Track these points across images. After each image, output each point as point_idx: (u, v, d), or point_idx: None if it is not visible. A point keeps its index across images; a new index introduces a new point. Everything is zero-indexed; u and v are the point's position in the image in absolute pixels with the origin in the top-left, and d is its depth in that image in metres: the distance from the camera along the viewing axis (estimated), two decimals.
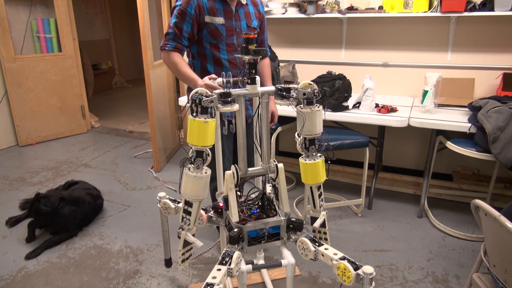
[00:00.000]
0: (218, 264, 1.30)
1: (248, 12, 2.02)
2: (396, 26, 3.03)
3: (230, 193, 1.46)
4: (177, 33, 1.90)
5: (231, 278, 1.36)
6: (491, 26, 2.76)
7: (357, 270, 1.25)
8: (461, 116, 2.49)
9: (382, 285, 2.04)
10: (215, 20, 1.91)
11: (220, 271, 1.27)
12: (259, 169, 1.57)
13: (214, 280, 1.21)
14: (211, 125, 1.32)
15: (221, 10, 1.92)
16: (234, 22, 1.96)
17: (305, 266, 2.18)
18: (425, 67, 3.00)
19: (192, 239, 1.46)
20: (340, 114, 2.63)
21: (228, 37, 1.97)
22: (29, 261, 2.26)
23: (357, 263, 1.28)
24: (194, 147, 1.35)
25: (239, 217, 1.45)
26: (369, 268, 1.22)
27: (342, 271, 1.26)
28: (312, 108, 1.44)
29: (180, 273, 2.16)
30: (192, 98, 1.32)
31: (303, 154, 1.51)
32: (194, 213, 1.43)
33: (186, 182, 1.39)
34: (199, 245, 1.46)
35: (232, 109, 1.38)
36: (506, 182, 2.91)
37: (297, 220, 1.48)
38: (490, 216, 1.24)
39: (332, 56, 3.29)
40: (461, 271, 2.15)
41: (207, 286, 1.19)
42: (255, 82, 1.45)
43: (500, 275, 1.29)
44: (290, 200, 2.90)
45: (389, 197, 3.03)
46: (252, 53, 1.38)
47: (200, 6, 1.87)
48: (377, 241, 2.45)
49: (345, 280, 1.26)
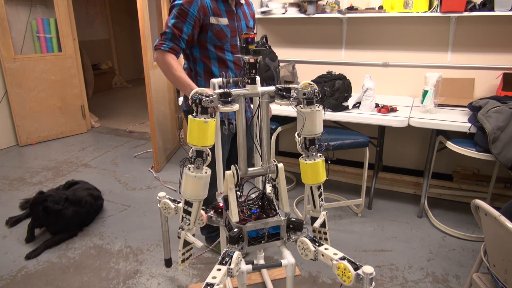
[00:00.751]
0: (218, 264, 1.30)
1: (245, 12, 2.00)
2: (396, 26, 3.03)
3: (230, 193, 1.45)
4: (175, 34, 1.79)
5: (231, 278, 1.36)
6: (491, 26, 2.76)
7: (357, 270, 1.24)
8: (461, 116, 2.49)
9: (382, 285, 2.04)
10: (221, 21, 1.84)
11: (220, 271, 1.26)
12: (259, 169, 1.57)
13: (214, 280, 1.21)
14: (211, 125, 1.32)
15: (224, 10, 1.86)
16: (236, 23, 1.93)
17: (305, 266, 2.18)
18: (425, 67, 3.00)
19: (192, 239, 1.46)
20: (340, 114, 2.63)
21: (233, 38, 1.92)
22: (29, 261, 2.26)
23: (357, 263, 1.28)
24: (194, 147, 1.35)
25: (239, 217, 1.45)
26: (369, 268, 1.22)
27: (342, 271, 1.26)
28: (312, 108, 1.44)
29: (180, 273, 2.16)
30: (192, 98, 1.32)
31: (303, 154, 1.51)
32: (194, 213, 1.43)
33: (186, 182, 1.39)
34: (199, 245, 1.46)
35: (232, 109, 1.38)
36: (506, 182, 2.91)
37: (297, 220, 1.48)
38: (490, 216, 1.24)
39: (332, 56, 3.29)
40: (461, 271, 2.15)
41: (207, 286, 1.19)
42: (255, 82, 1.45)
43: (500, 275, 1.29)
44: (290, 200, 2.90)
45: (389, 197, 3.03)
46: (252, 53, 1.38)
47: (204, 6, 1.78)
48: (377, 241, 2.45)
49: (345, 280, 1.26)
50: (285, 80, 3.09)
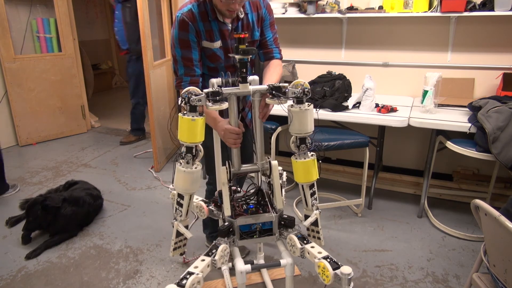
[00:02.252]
0: (204, 255, 1.34)
1: (248, 23, 1.78)
2: (396, 26, 3.03)
3: (223, 188, 1.51)
4: (187, 65, 1.71)
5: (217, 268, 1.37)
6: (491, 26, 2.76)
7: (336, 270, 1.26)
8: (461, 116, 2.49)
9: (382, 285, 2.04)
10: (214, 45, 1.74)
11: (203, 261, 1.31)
12: (252, 166, 1.62)
13: (195, 270, 1.25)
14: (199, 123, 1.37)
15: (217, 31, 1.73)
16: (230, 42, 1.77)
17: (305, 266, 2.18)
18: (425, 67, 3.00)
19: (183, 230, 1.51)
20: (340, 114, 2.63)
21: (227, 59, 1.80)
22: (29, 261, 2.27)
23: (339, 263, 1.29)
24: (184, 144, 1.41)
25: (235, 212, 1.49)
26: (347, 268, 1.24)
27: (322, 270, 1.29)
28: (301, 107, 1.44)
29: (180, 273, 2.16)
30: (182, 96, 1.36)
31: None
32: (185, 205, 1.49)
33: (177, 176, 1.45)
34: (189, 236, 1.52)
35: (221, 108, 1.41)
36: (506, 182, 2.91)
37: (289, 217, 1.51)
38: (490, 216, 1.24)
39: (332, 56, 3.29)
40: (461, 271, 2.15)
41: (187, 275, 1.23)
42: (246, 81, 1.47)
43: (500, 275, 1.29)
44: (290, 200, 2.90)
45: (389, 197, 3.03)
46: (241, 53, 1.39)
47: (197, 31, 1.69)
48: (377, 241, 2.45)
49: (324, 279, 1.29)
50: (285, 80, 3.09)
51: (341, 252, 2.30)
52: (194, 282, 1.21)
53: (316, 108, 2.53)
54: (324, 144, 2.49)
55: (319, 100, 2.70)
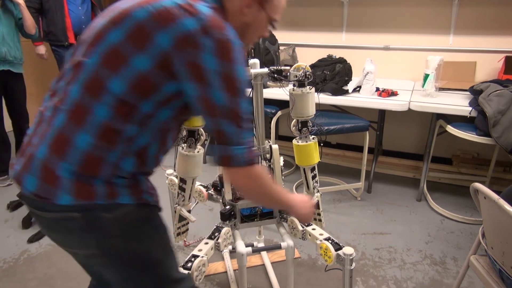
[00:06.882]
0: (207, 238, 1.35)
1: None
2: (398, 8, 2.98)
3: None
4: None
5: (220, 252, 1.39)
6: (494, 8, 2.71)
7: (338, 251, 1.28)
8: (462, 100, 2.47)
9: (380, 267, 2.07)
10: None
11: (207, 244, 1.32)
12: None
13: (199, 253, 1.27)
14: None
15: None
16: None
17: (304, 249, 2.20)
18: (427, 50, 2.97)
19: (186, 215, 1.52)
20: (340, 98, 2.62)
21: None
22: (31, 244, 2.29)
23: (341, 244, 1.32)
24: (185, 127, 1.41)
25: (235, 195, 1.49)
26: (350, 249, 1.26)
27: (324, 251, 1.31)
28: (303, 90, 1.43)
29: (181, 255, 2.18)
30: None
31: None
32: (188, 190, 1.49)
33: (179, 160, 1.45)
34: (193, 220, 1.52)
35: None
36: (505, 166, 2.92)
37: None
38: (489, 199, 1.25)
39: (332, 39, 3.26)
40: (459, 254, 2.17)
41: (192, 257, 1.24)
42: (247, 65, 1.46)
43: (498, 257, 1.31)
44: (290, 184, 2.91)
45: (389, 181, 3.04)
46: None
47: None
48: (376, 224, 2.47)
49: (326, 259, 1.31)
50: (285, 64, 3.06)
51: (341, 235, 2.32)
52: (199, 264, 1.23)
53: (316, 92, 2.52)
54: (325, 128, 2.49)
55: (320, 84, 2.68)
